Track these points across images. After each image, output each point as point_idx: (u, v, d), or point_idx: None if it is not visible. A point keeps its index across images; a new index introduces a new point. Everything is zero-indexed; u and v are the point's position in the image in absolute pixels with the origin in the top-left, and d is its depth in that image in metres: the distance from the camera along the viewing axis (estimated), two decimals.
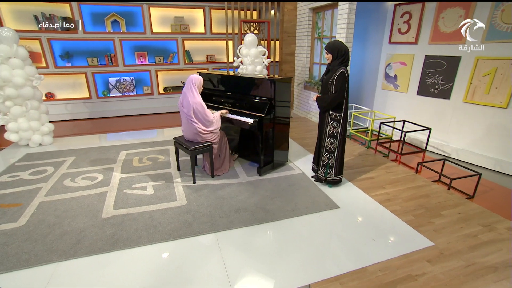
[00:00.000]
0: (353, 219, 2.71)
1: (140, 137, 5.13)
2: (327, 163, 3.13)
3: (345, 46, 2.81)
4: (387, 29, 5.44)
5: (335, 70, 2.82)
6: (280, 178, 3.51)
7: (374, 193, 3.18)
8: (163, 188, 3.25)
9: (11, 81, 3.91)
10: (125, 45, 6.46)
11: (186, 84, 3.30)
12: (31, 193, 3.11)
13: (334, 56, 2.83)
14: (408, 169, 3.87)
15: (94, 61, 6.26)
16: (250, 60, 4.95)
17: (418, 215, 2.79)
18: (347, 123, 3.03)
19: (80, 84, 6.39)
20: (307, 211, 2.80)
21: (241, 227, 2.57)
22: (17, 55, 3.96)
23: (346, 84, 2.83)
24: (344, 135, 3.04)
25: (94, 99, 6.49)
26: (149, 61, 6.76)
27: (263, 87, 3.43)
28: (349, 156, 4.25)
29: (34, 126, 4.29)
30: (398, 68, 5.33)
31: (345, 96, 2.88)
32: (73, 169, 3.73)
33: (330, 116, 2.98)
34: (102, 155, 4.20)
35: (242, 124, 3.43)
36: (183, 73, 7.00)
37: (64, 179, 3.44)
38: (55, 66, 5.97)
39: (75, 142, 4.77)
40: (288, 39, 6.58)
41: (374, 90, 5.88)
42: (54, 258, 2.17)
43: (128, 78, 6.74)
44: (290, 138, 4.98)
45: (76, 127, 5.92)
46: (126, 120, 6.48)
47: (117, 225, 2.57)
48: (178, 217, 2.70)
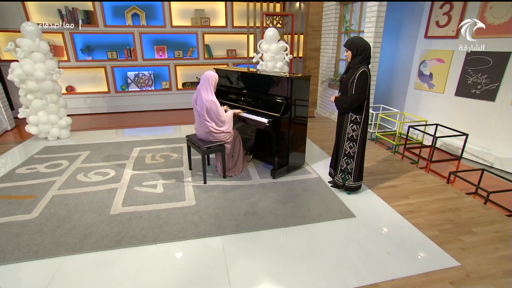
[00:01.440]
0: (368, 230, 2.67)
1: (156, 133, 5.32)
2: (345, 168, 3.10)
3: (365, 42, 2.76)
4: (423, 22, 5.24)
5: (356, 69, 2.78)
6: (294, 182, 3.52)
7: (396, 203, 3.11)
8: (173, 187, 3.37)
9: (33, 74, 4.20)
10: (144, 39, 6.72)
11: (201, 81, 3.39)
12: (46, 186, 3.34)
13: (354, 54, 2.79)
14: (438, 179, 3.73)
15: (113, 55, 6.57)
16: (270, 56, 4.97)
17: (444, 230, 2.69)
18: (367, 126, 2.99)
19: (100, 78, 6.73)
20: (319, 219, 2.79)
21: (248, 231, 2.61)
22: (39, 49, 4.25)
23: (368, 84, 2.78)
24: (364, 139, 2.99)
25: (112, 93, 6.81)
26: (168, 55, 6.98)
27: (279, 85, 3.44)
28: (372, 161, 4.17)
29: (52, 120, 4.58)
30: (434, 65, 5.13)
31: (366, 97, 2.84)
32: (87, 163, 3.95)
33: (349, 119, 2.95)
34: (116, 151, 4.41)
35: (256, 124, 3.47)
36: (202, 68, 7.16)
37: (77, 173, 3.66)
38: (76, 59, 6.34)
39: (91, 137, 5.04)
40: (313, 33, 6.53)
41: (405, 90, 5.70)
42: (61, 252, 2.33)
43: (146, 72, 7.01)
44: (310, 140, 4.96)
45: (94, 121, 6.25)
46: (143, 116, 6.74)
47: (123, 223, 2.70)
48: (185, 218, 2.79)
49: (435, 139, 4.09)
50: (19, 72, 4.15)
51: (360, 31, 5.48)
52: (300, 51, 6.69)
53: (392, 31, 5.83)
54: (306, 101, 3.53)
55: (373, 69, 5.12)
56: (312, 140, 4.96)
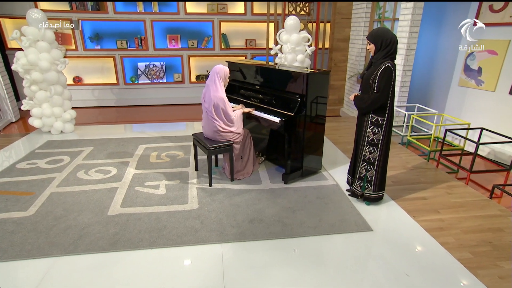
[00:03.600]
0: (386, 247, 2.65)
1: (164, 129, 5.50)
2: (364, 176, 3.09)
3: (391, 34, 2.74)
4: (473, 7, 5.05)
5: (379, 65, 2.77)
6: (308, 188, 3.54)
7: (423, 217, 3.06)
8: (176, 189, 3.49)
9: (37, 65, 4.48)
10: (156, 27, 6.94)
11: (210, 75, 3.48)
12: (44, 182, 3.56)
13: (377, 47, 2.78)
14: (480, 192, 3.62)
15: (123, 44, 6.84)
16: (291, 47, 5.00)
17: (479, 253, 2.61)
18: (391, 130, 2.96)
19: (108, 68, 7.03)
20: (331, 230, 2.81)
21: (251, 240, 2.68)
22: (44, 38, 4.52)
23: (392, 82, 2.76)
24: (387, 144, 2.97)
25: (121, 85, 7.10)
26: (182, 45, 7.18)
27: (293, 81, 3.48)
28: (400, 168, 4.11)
29: (56, 113, 4.86)
30: (484, 58, 4.93)
31: (390, 96, 2.82)
32: (89, 160, 4.17)
33: (370, 120, 2.94)
34: (120, 147, 4.61)
35: (269, 123, 3.52)
36: (218, 60, 7.29)
37: (78, 170, 3.87)
38: (84, 48, 6.66)
39: (96, 132, 5.29)
40: (342, 21, 6.49)
41: (447, 88, 5.54)
42: (54, 252, 2.49)
43: (158, 63, 7.25)
44: (331, 142, 4.95)
45: (101, 114, 6.55)
46: (153, 110, 6.98)
47: (121, 224, 2.85)
48: (185, 222, 2.90)
49: (478, 145, 3.96)
50: (24, 62, 4.44)
51: (395, 19, 5.39)
52: (326, 42, 6.65)
53: (433, 19, 5.68)
54: (325, 98, 3.55)
55: (408, 63, 5.03)
56: (334, 142, 4.94)
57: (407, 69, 5.08)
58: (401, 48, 5.02)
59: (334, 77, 6.81)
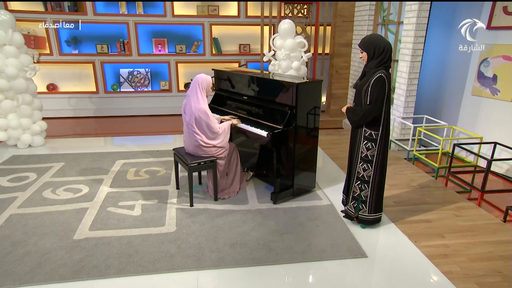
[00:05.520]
0: (380, 275, 2.65)
1: (147, 143, 5.57)
2: (358, 195, 3.11)
3: (385, 42, 2.80)
4: (486, 9, 5.14)
5: (372, 74, 2.82)
6: (299, 208, 3.56)
7: (425, 242, 3.05)
8: (154, 209, 3.51)
9: (3, 71, 4.55)
10: (141, 30, 7.06)
11: (191, 85, 3.54)
12: (4, 203, 3.57)
13: (370, 55, 2.83)
14: (494, 214, 3.61)
15: (104, 48, 6.94)
16: (285, 54, 5.07)
17: (487, 284, 2.59)
18: (387, 145, 2.99)
19: (87, 75, 7.11)
20: (321, 256, 2.81)
21: (231, 267, 2.68)
22: (12, 42, 4.60)
23: (386, 92, 2.81)
24: (383, 160, 2.99)
25: (101, 94, 7.17)
26: (169, 50, 7.28)
27: (283, 92, 3.53)
28: (403, 186, 4.12)
29: (24, 124, 4.90)
30: (499, 64, 4.99)
31: (385, 108, 2.86)
32: (58, 177, 4.19)
33: (363, 134, 2.97)
34: (95, 163, 4.64)
35: (256, 137, 3.56)
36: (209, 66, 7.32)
37: (44, 189, 3.89)
38: (60, 53, 6.75)
39: (70, 145, 5.34)
40: (343, 24, 6.60)
41: (460, 97, 5.59)
42: (7, 282, 2.47)
43: (142, 70, 7.34)
44: (329, 157, 4.98)
45: (77, 126, 6.60)
46: (136, 121, 7.03)
47: (87, 250, 2.85)
48: (160, 246, 2.91)
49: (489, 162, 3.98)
50: None
51: (400, 22, 5.49)
52: (326, 47, 6.75)
53: (443, 22, 5.77)
54: (317, 109, 3.60)
55: (414, 70, 5.09)
56: (332, 157, 4.97)
57: (413, 77, 5.14)
58: (406, 54, 5.09)
59: (335, 85, 6.88)
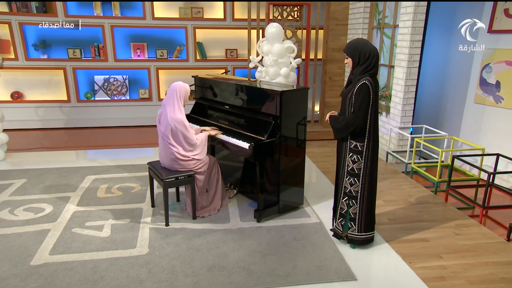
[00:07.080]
0: None
1: (122, 156, 5.56)
2: (346, 212, 3.13)
3: (371, 47, 2.85)
4: (487, 11, 5.26)
5: (357, 81, 2.87)
6: (285, 227, 3.56)
7: (421, 264, 3.06)
8: (125, 230, 3.48)
9: None
10: (117, 34, 7.09)
11: (168, 94, 3.58)
12: None
13: (355, 61, 2.88)
14: (497, 233, 3.63)
15: (76, 53, 6.95)
16: (272, 59, 5.12)
17: None
18: (375, 157, 3.02)
19: (57, 82, 7.09)
20: (306, 280, 2.81)
21: None
22: None
23: (371, 101, 2.84)
24: (371, 175, 3.02)
25: (73, 103, 7.15)
26: (149, 55, 7.32)
27: (267, 101, 3.57)
28: (400, 202, 4.15)
29: None
30: (502, 70, 5.09)
31: (371, 118, 2.89)
32: (18, 196, 4.16)
33: (348, 146, 3.00)
34: (62, 179, 4.62)
35: (237, 150, 3.57)
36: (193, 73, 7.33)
37: (1, 209, 3.85)
38: (27, 58, 6.74)
39: (34, 159, 5.31)
40: (336, 28, 6.70)
41: (461, 105, 5.67)
42: None
43: (120, 77, 7.36)
44: (321, 171, 5.01)
45: (45, 138, 6.57)
46: (112, 133, 7.01)
47: (45, 277, 2.80)
48: (129, 271, 2.88)
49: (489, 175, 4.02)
50: None
51: (396, 25, 5.59)
52: (319, 52, 6.84)
53: (442, 25, 5.88)
54: (305, 119, 3.64)
55: (411, 77, 5.17)
56: (324, 171, 5.00)
57: (410, 84, 5.21)
58: (402, 60, 5.17)
59: (329, 93, 6.94)
